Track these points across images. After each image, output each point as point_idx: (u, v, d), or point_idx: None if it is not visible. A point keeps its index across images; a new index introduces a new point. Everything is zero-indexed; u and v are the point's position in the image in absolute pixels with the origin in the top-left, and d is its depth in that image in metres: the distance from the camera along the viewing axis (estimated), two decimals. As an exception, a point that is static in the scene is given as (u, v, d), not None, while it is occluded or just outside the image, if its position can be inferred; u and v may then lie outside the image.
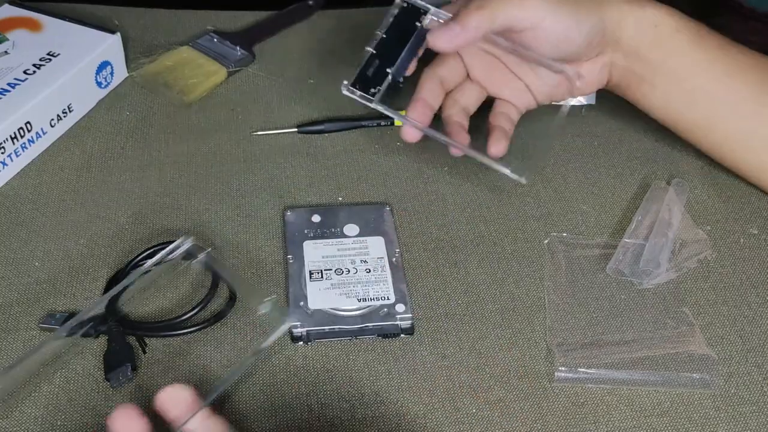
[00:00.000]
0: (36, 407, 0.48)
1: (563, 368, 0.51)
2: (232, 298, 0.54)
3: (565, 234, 0.60)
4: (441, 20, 0.55)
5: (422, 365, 0.51)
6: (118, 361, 0.50)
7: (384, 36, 0.56)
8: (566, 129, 0.59)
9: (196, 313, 0.53)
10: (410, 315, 0.53)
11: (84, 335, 0.51)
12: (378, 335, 0.52)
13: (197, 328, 0.52)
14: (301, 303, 0.53)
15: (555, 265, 0.57)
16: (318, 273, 0.55)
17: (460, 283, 0.56)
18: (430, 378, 0.51)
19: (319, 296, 0.53)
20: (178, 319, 0.52)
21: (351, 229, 0.58)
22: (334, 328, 0.52)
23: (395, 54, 0.56)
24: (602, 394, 0.50)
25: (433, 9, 0.54)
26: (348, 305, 0.53)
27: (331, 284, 0.54)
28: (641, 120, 0.70)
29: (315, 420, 0.48)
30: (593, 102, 0.72)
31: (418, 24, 0.56)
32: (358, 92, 0.55)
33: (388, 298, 0.53)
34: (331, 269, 0.55)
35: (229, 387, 0.50)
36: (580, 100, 0.72)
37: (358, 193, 0.63)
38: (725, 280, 0.57)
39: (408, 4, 0.54)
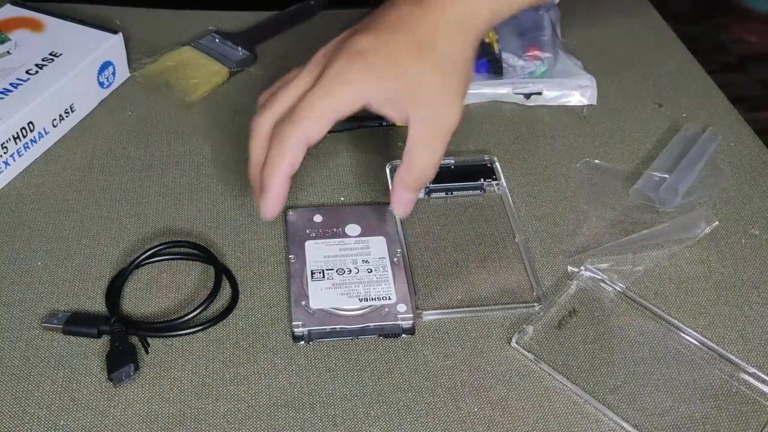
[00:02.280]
0: (39, 407, 0.48)
1: (582, 268, 0.56)
2: (234, 299, 0.54)
3: (597, 161, 0.64)
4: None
5: (424, 364, 0.51)
6: (121, 360, 0.50)
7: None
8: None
9: (198, 314, 0.53)
10: (411, 315, 0.53)
11: (87, 335, 0.52)
12: (379, 335, 0.53)
13: (200, 328, 0.52)
14: (303, 302, 0.53)
15: (580, 184, 0.63)
16: (320, 273, 0.55)
17: (462, 282, 0.56)
18: (432, 377, 0.51)
19: (320, 296, 0.53)
20: (181, 320, 0.52)
21: (353, 229, 0.58)
22: (335, 328, 0.52)
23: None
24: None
25: None
26: (349, 305, 0.53)
27: (333, 284, 0.54)
28: (643, 119, 0.70)
29: (317, 420, 0.48)
30: (594, 102, 0.72)
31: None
32: None
33: (389, 298, 0.53)
34: (332, 269, 0.55)
35: (229, 388, 0.50)
36: (581, 101, 0.72)
37: (359, 193, 0.63)
38: (727, 281, 0.57)
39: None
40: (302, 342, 0.52)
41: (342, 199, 0.62)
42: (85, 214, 0.60)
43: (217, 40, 0.76)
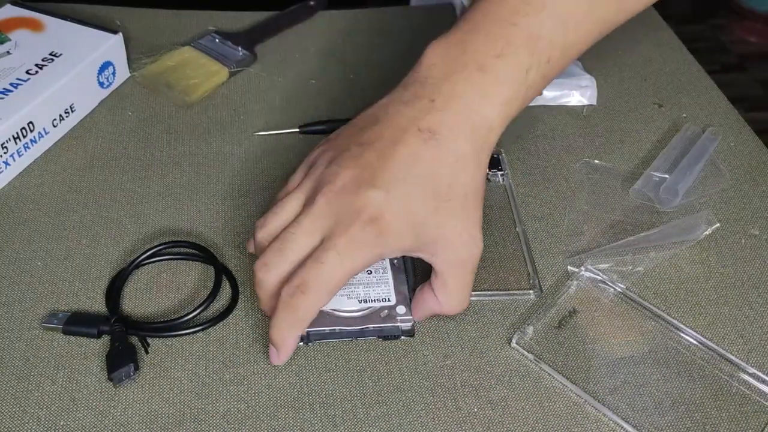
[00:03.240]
0: (39, 407, 0.48)
1: (582, 268, 0.56)
2: (234, 299, 0.54)
3: (597, 161, 0.64)
4: None
5: (424, 365, 0.51)
6: (121, 360, 0.50)
7: None
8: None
9: (198, 314, 0.53)
10: (411, 317, 0.53)
11: (87, 335, 0.52)
12: (378, 337, 0.52)
13: (200, 328, 0.52)
14: (303, 303, 0.53)
15: (580, 184, 0.63)
16: (320, 273, 0.55)
17: (462, 283, 0.56)
18: (432, 377, 0.51)
19: (320, 296, 0.53)
20: (181, 320, 0.52)
21: (353, 229, 0.58)
22: (334, 329, 0.52)
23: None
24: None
25: None
26: (349, 306, 0.53)
27: (333, 284, 0.54)
28: (643, 119, 0.70)
29: (317, 420, 0.48)
30: (594, 102, 0.72)
31: None
32: None
33: (388, 300, 0.53)
34: (332, 269, 0.55)
35: (229, 388, 0.50)
36: (581, 101, 0.72)
37: (359, 194, 0.63)
38: (726, 281, 0.57)
39: None
40: (302, 343, 0.52)
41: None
42: (85, 214, 0.60)
43: (217, 40, 0.76)
